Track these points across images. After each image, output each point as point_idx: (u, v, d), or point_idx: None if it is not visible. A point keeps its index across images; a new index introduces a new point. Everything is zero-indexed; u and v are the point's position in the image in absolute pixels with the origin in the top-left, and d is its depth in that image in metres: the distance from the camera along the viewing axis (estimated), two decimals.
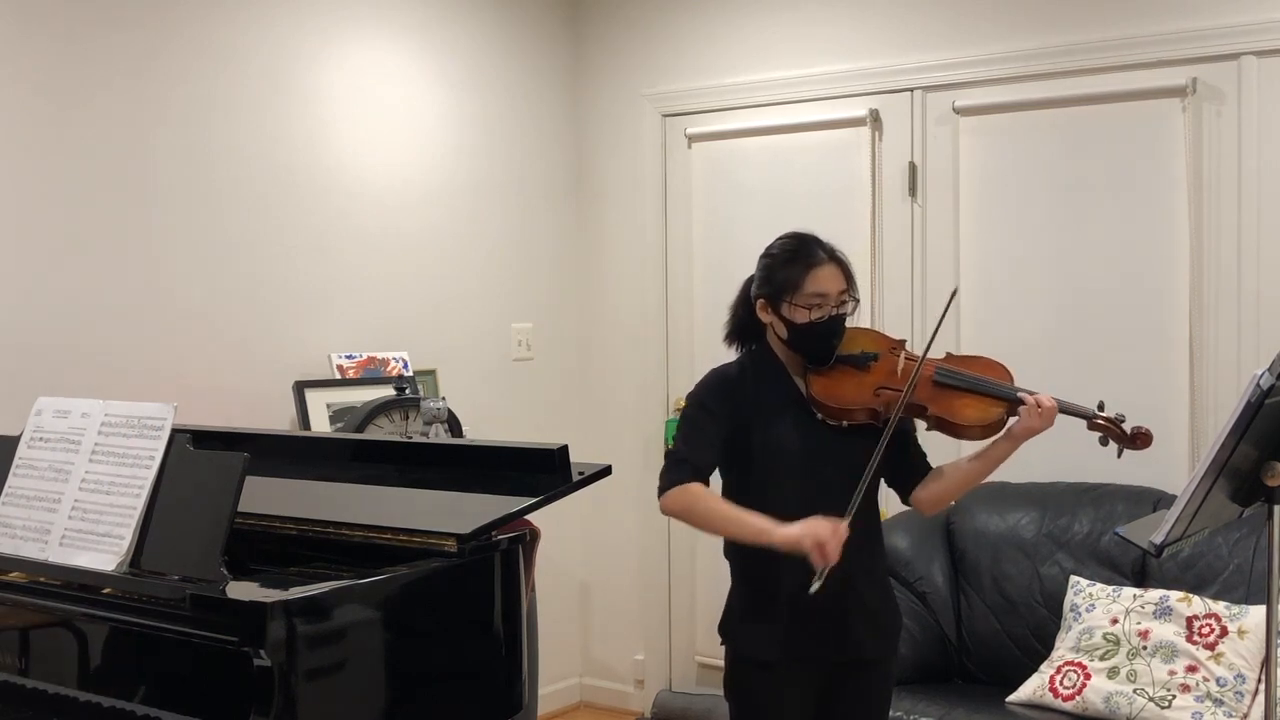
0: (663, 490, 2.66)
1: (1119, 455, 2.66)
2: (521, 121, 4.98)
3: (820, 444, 2.67)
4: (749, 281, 2.79)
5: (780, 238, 2.76)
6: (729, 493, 2.74)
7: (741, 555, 2.77)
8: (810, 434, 2.68)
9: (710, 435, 2.67)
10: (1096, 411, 2.63)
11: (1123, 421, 2.63)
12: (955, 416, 2.64)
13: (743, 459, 2.69)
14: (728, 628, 2.79)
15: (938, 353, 2.72)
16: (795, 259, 2.67)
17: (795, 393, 2.72)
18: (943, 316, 2.68)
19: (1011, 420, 2.63)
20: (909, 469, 2.78)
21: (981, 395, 2.66)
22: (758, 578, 2.73)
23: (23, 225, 3.56)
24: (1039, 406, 2.58)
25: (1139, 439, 2.62)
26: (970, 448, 2.76)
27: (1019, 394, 2.62)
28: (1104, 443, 2.65)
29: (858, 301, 2.73)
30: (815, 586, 2.44)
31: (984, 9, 4.27)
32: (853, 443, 2.65)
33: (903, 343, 2.79)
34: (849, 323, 2.74)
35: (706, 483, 2.65)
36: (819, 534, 2.45)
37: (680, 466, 2.65)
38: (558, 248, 5.13)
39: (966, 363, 2.75)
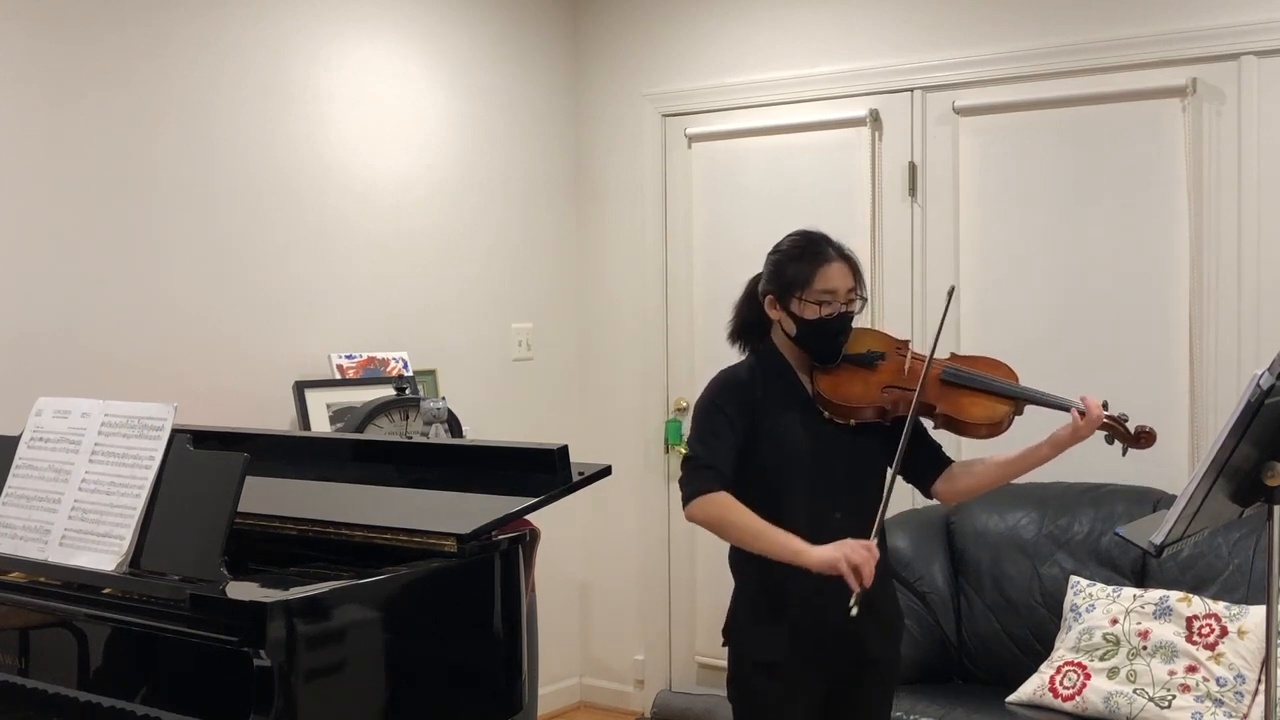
0: (689, 498, 2.63)
1: (1124, 454, 2.68)
2: (522, 121, 4.98)
3: (828, 443, 2.68)
4: (755, 280, 2.79)
5: (789, 235, 2.77)
6: (740, 491, 2.73)
7: (747, 558, 2.77)
8: (818, 433, 2.69)
9: (728, 440, 2.66)
10: (1104, 411, 2.64)
11: (1126, 421, 2.65)
12: (963, 414, 2.66)
13: (752, 458, 2.68)
14: (733, 630, 2.79)
15: (942, 353, 2.73)
16: (804, 256, 2.69)
17: (803, 392, 2.72)
18: (944, 316, 2.70)
19: (1060, 427, 2.62)
20: (927, 463, 2.78)
21: (988, 394, 2.68)
22: (763, 581, 2.72)
23: (23, 225, 3.57)
24: (1096, 413, 2.58)
25: (1143, 438, 2.65)
26: (973, 446, 2.76)
27: (1050, 398, 2.63)
28: (1109, 441, 2.67)
29: (865, 300, 2.74)
30: (855, 610, 2.45)
31: (984, 9, 4.27)
32: (861, 442, 2.66)
33: (907, 342, 2.80)
34: (854, 322, 2.75)
35: (731, 489, 2.63)
36: (854, 557, 2.46)
37: (704, 473, 2.63)
38: (558, 248, 5.13)
39: (971, 362, 2.77)
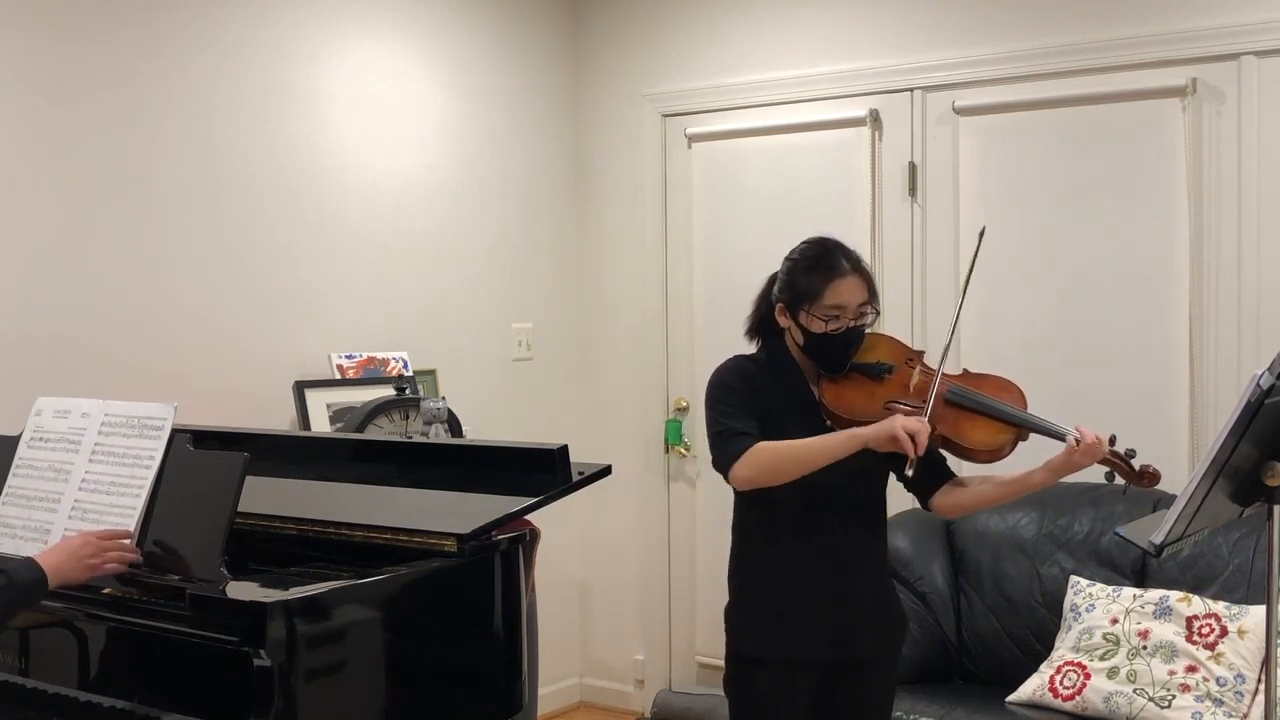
0: (731, 461, 2.59)
1: (1124, 492, 2.62)
2: (522, 121, 4.98)
3: None
4: (773, 278, 2.76)
5: (804, 242, 2.73)
6: (737, 493, 2.73)
7: (744, 555, 2.78)
8: None
9: (747, 410, 2.63)
10: (1108, 446, 2.56)
11: (1133, 457, 2.57)
12: (962, 439, 2.60)
13: None
14: (729, 626, 2.79)
15: (954, 368, 2.68)
16: (816, 268, 2.64)
17: (808, 396, 2.70)
18: (975, 258, 2.71)
19: (1055, 453, 2.57)
20: (930, 476, 2.74)
21: (991, 419, 2.61)
22: (759, 578, 2.73)
23: (23, 225, 3.57)
24: (1092, 444, 2.51)
25: (1146, 477, 2.56)
26: (972, 467, 2.73)
27: (1053, 428, 2.56)
28: (1110, 478, 2.59)
29: (878, 313, 2.71)
30: (911, 472, 2.56)
31: (984, 9, 4.27)
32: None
33: (920, 354, 2.75)
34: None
35: None
36: (910, 425, 2.47)
37: (738, 438, 2.59)
38: (558, 248, 5.13)
39: (980, 382, 2.70)
